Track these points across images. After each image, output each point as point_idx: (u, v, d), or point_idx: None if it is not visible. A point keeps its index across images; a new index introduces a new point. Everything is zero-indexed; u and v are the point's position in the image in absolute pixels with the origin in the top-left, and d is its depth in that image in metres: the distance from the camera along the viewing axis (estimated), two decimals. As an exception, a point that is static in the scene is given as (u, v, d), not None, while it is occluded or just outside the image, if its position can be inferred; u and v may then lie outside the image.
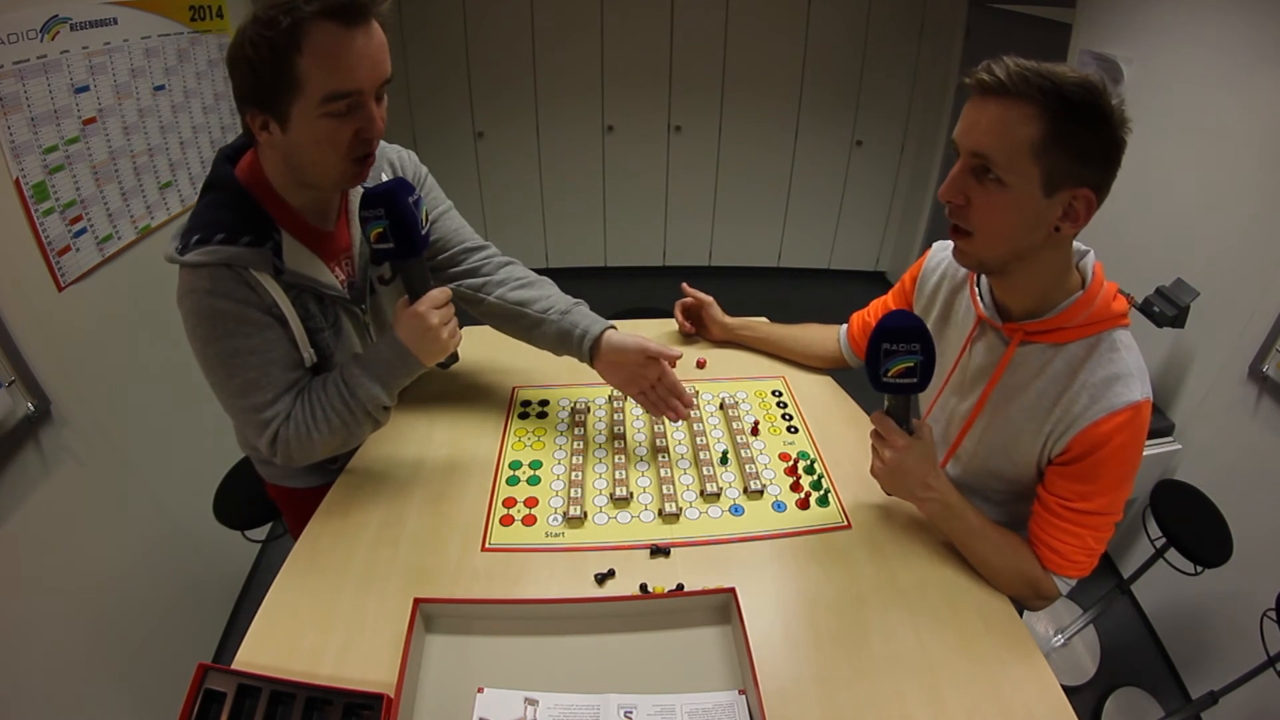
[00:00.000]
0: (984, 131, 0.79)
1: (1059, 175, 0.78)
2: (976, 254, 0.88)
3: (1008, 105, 0.77)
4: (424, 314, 0.97)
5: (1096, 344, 0.89)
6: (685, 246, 4.16)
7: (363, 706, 0.74)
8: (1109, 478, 0.88)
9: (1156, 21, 2.15)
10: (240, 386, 0.96)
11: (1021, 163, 0.78)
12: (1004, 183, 0.79)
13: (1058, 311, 0.90)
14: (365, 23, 0.83)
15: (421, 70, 3.50)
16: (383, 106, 0.90)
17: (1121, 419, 0.85)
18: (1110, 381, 0.87)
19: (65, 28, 1.42)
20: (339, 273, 1.07)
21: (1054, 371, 0.92)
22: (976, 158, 0.80)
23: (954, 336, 1.08)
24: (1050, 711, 0.80)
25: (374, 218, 0.92)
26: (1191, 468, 1.96)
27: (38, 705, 1.34)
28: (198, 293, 0.90)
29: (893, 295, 1.26)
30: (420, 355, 0.99)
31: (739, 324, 1.50)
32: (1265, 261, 1.76)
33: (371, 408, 1.00)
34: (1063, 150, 0.77)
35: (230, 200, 0.93)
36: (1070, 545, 0.91)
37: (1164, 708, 1.91)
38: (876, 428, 0.95)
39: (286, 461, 1.01)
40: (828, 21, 3.51)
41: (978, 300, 1.01)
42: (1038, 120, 0.76)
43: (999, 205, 0.81)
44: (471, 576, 0.96)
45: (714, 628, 0.88)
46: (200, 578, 1.93)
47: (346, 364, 1.01)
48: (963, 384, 1.06)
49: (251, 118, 0.86)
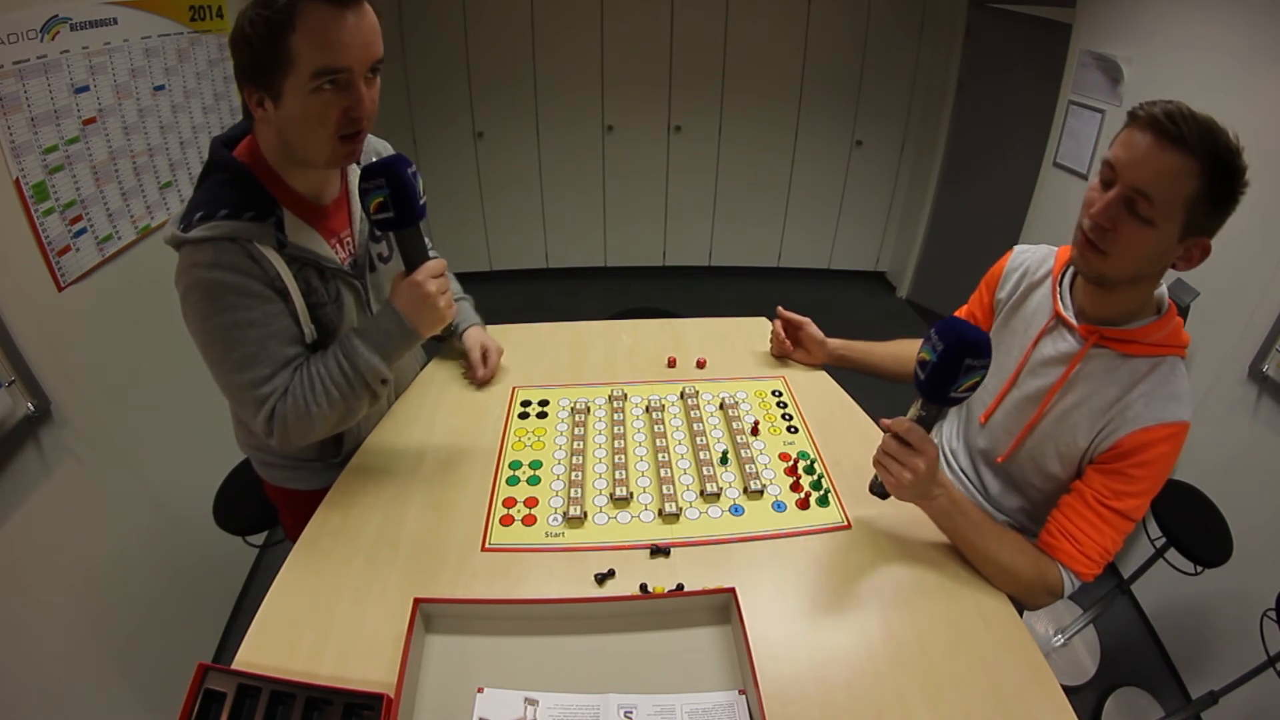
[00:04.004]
0: (1152, 174, 0.83)
1: (1195, 224, 0.85)
2: (1102, 270, 0.92)
3: (1181, 157, 0.81)
4: (422, 282, 0.99)
5: (1160, 363, 0.96)
6: (685, 246, 4.16)
7: (363, 706, 0.74)
8: (1145, 481, 0.93)
9: (1156, 21, 2.16)
10: (239, 361, 0.96)
11: (1174, 210, 0.84)
12: (1153, 222, 0.85)
13: (1138, 325, 0.97)
14: (357, 4, 0.87)
15: (421, 70, 3.50)
16: (374, 89, 0.93)
17: (1170, 431, 0.92)
18: (1169, 398, 0.93)
19: (65, 28, 1.42)
20: (339, 250, 1.09)
21: (1117, 377, 0.97)
22: (1136, 192, 0.84)
23: (1021, 329, 1.12)
24: (1050, 711, 0.80)
25: (374, 188, 0.95)
26: (1191, 468, 1.96)
27: (38, 705, 1.34)
28: (200, 266, 0.92)
29: (973, 303, 1.27)
30: (418, 325, 1.01)
31: (841, 345, 1.44)
32: (1265, 261, 1.76)
33: (371, 379, 1.01)
34: (1207, 205, 0.83)
35: (232, 179, 0.95)
36: (1091, 540, 0.94)
37: (1164, 708, 1.91)
38: (904, 438, 0.90)
39: (283, 441, 1.01)
40: (828, 21, 3.51)
41: (1059, 298, 1.07)
42: (1199, 177, 0.81)
43: (1142, 240, 0.86)
44: (471, 576, 0.96)
45: (714, 628, 0.88)
46: (200, 578, 1.92)
47: (345, 336, 1.02)
48: (1028, 374, 1.09)
49: (249, 94, 0.90)
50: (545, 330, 1.61)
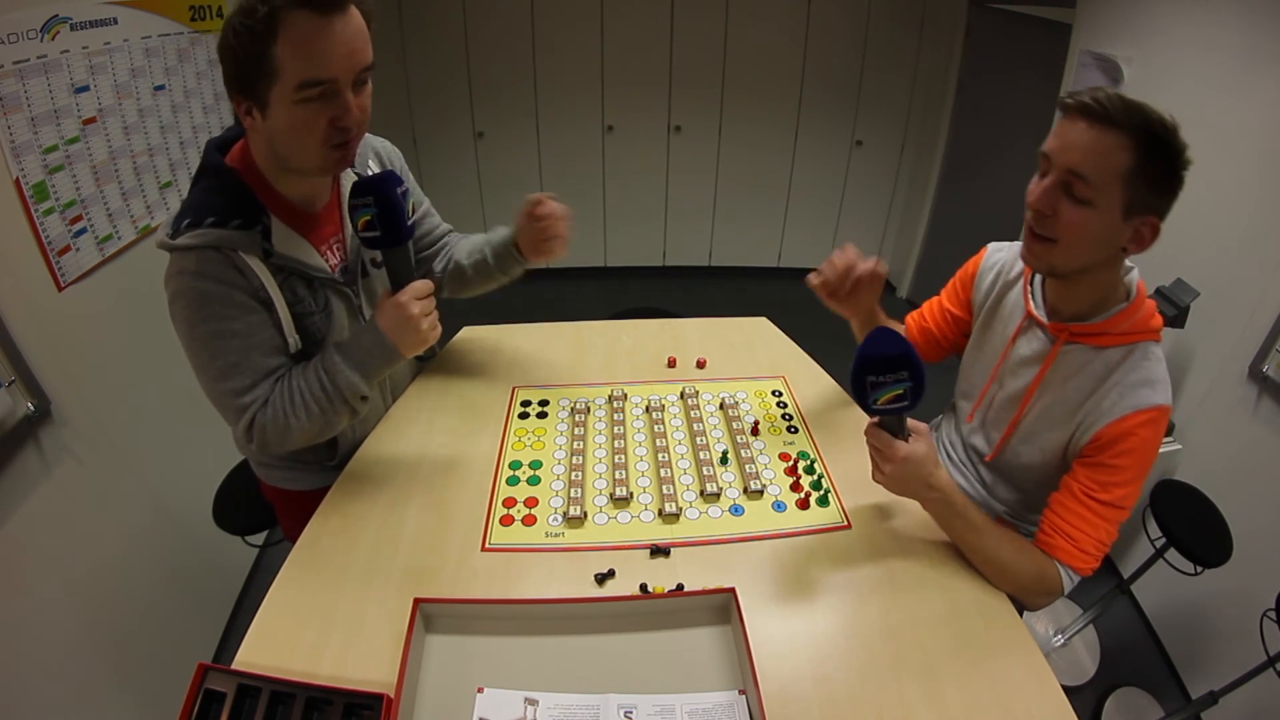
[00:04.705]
0: (1083, 152, 0.85)
1: (1137, 202, 0.86)
2: (1051, 260, 0.94)
3: (1109, 133, 0.83)
4: (405, 304, 0.98)
5: (1132, 351, 0.96)
6: (685, 246, 4.16)
7: (363, 706, 0.74)
8: (1129, 470, 0.94)
9: (1156, 21, 2.15)
10: (221, 370, 0.96)
11: (1110, 186, 0.85)
12: (1091, 202, 0.86)
13: (1105, 318, 0.98)
14: (342, 11, 0.84)
15: (421, 70, 3.50)
16: (364, 95, 0.91)
17: (1147, 417, 0.93)
18: (1141, 384, 0.94)
19: (65, 27, 1.42)
20: (330, 256, 1.08)
21: (1091, 371, 0.99)
22: (1071, 174, 0.86)
23: (999, 329, 1.15)
24: (1050, 711, 0.80)
25: (362, 205, 0.95)
26: (1191, 468, 1.96)
27: (37, 705, 1.34)
28: (185, 274, 0.92)
29: (945, 294, 1.31)
30: (400, 345, 1.00)
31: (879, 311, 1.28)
32: (1265, 261, 1.76)
33: (350, 396, 1.00)
34: (1145, 180, 0.84)
35: (222, 185, 0.94)
36: (1085, 534, 0.95)
37: (1164, 708, 1.90)
38: (871, 441, 0.95)
39: (262, 448, 1.02)
40: (828, 21, 3.51)
41: (1030, 298, 1.08)
42: (1131, 151, 0.82)
43: (1082, 221, 0.87)
44: (471, 576, 0.96)
45: (714, 628, 0.88)
46: (200, 578, 1.92)
47: (326, 352, 1.02)
48: (1007, 374, 1.11)
49: (237, 104, 0.89)
50: (545, 330, 1.61)
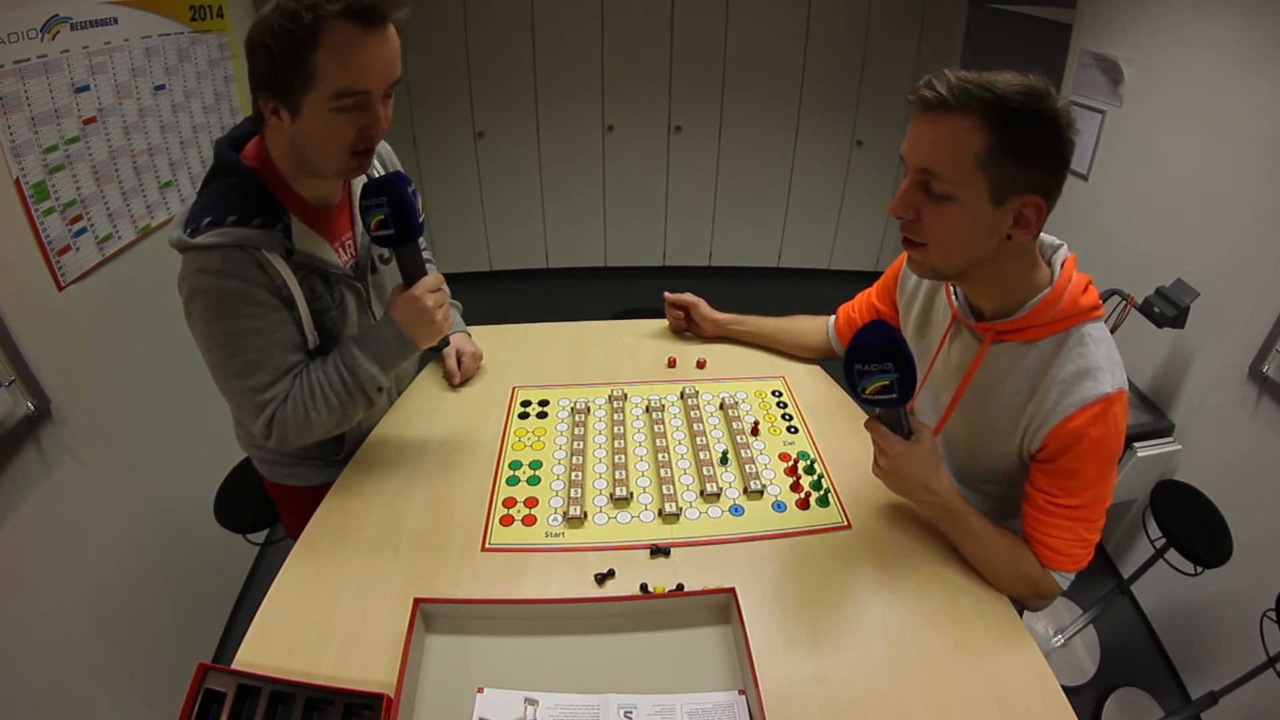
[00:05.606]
0: (929, 147, 0.80)
1: (1006, 184, 0.79)
2: (931, 264, 0.89)
3: (951, 119, 0.78)
4: (420, 297, 1.01)
5: (1065, 339, 0.90)
6: (685, 246, 4.16)
7: (363, 706, 0.74)
8: (1090, 472, 0.88)
9: (1156, 21, 2.15)
10: (241, 367, 0.97)
11: (968, 175, 0.79)
12: (952, 196, 0.80)
13: (1024, 311, 0.90)
14: (382, 26, 0.86)
15: (421, 70, 3.50)
16: (388, 106, 0.94)
17: (1092, 413, 0.86)
18: (1079, 376, 0.87)
19: (65, 27, 1.42)
20: (342, 253, 1.10)
21: (1027, 368, 0.92)
22: (924, 173, 0.81)
23: (934, 333, 1.10)
24: (1050, 711, 0.80)
25: (375, 205, 0.96)
26: (1191, 468, 1.96)
27: (37, 705, 1.34)
28: (207, 273, 0.92)
29: (876, 290, 1.28)
30: (415, 337, 1.03)
31: (729, 319, 1.53)
32: (1265, 261, 1.76)
33: (369, 387, 1.03)
34: (1009, 159, 0.77)
35: (241, 184, 0.95)
36: (1064, 540, 0.92)
37: (1164, 708, 1.90)
38: (870, 433, 0.94)
39: (281, 443, 1.03)
40: (828, 21, 3.51)
41: (952, 300, 1.03)
42: (981, 131, 0.77)
43: (948, 217, 0.82)
44: (471, 576, 0.96)
45: (714, 628, 0.88)
46: (200, 578, 1.92)
47: (344, 345, 1.04)
48: (944, 379, 1.07)
49: (264, 102, 0.90)
50: (545, 330, 1.61)
